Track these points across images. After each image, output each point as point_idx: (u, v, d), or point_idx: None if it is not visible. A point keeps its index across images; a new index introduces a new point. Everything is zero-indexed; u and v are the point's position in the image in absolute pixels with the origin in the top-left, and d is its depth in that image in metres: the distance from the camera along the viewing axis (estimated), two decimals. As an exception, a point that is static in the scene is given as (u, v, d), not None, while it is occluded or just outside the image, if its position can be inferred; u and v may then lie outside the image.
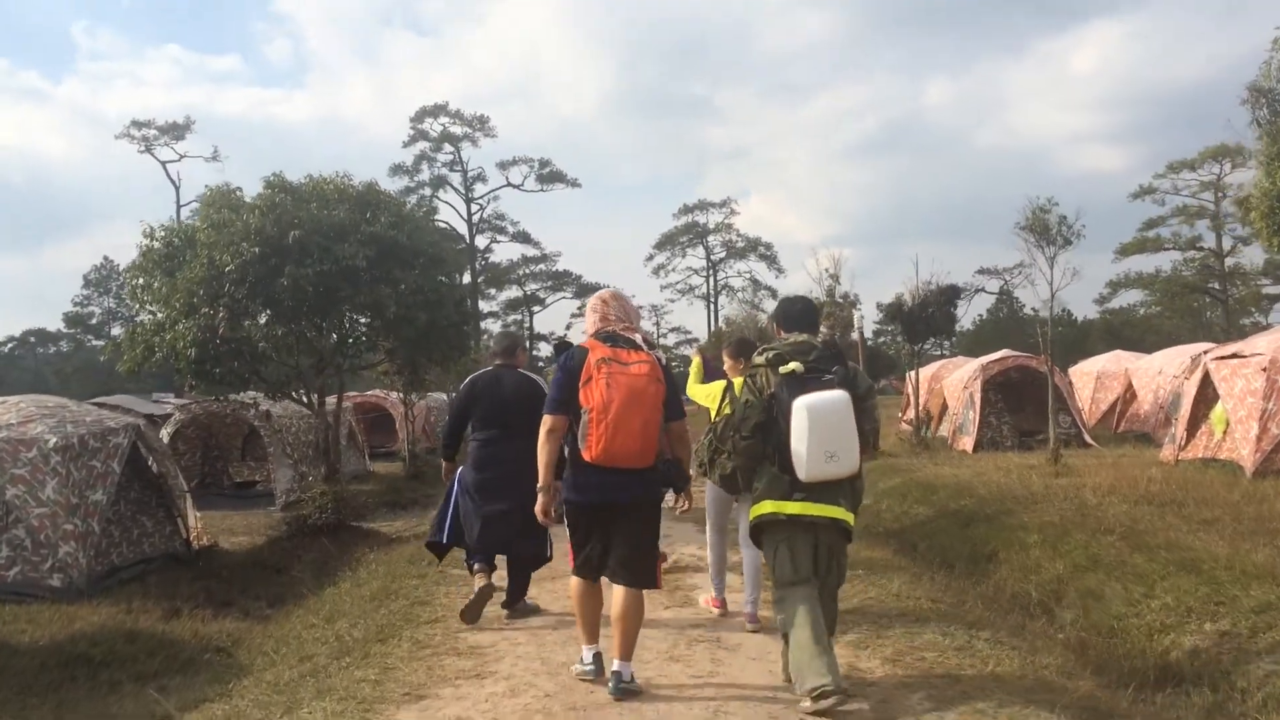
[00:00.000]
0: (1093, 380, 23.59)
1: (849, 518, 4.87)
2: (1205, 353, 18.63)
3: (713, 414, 6.40)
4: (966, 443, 19.31)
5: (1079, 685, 5.26)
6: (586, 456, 4.74)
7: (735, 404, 4.98)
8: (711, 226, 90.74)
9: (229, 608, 9.77)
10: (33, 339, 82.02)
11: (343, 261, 11.13)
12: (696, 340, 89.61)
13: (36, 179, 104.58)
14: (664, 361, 5.00)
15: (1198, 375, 14.27)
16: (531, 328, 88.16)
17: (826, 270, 26.80)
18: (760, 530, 4.99)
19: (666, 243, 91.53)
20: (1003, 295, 75.33)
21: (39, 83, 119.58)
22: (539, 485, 4.90)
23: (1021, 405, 20.57)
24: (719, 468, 6.10)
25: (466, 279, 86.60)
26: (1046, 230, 13.77)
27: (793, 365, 4.78)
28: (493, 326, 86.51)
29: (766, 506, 4.86)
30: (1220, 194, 68.14)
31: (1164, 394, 19.61)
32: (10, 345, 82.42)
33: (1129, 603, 7.80)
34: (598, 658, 5.09)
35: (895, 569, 9.02)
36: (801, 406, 4.65)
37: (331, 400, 13.93)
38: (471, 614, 6.52)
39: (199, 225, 11.97)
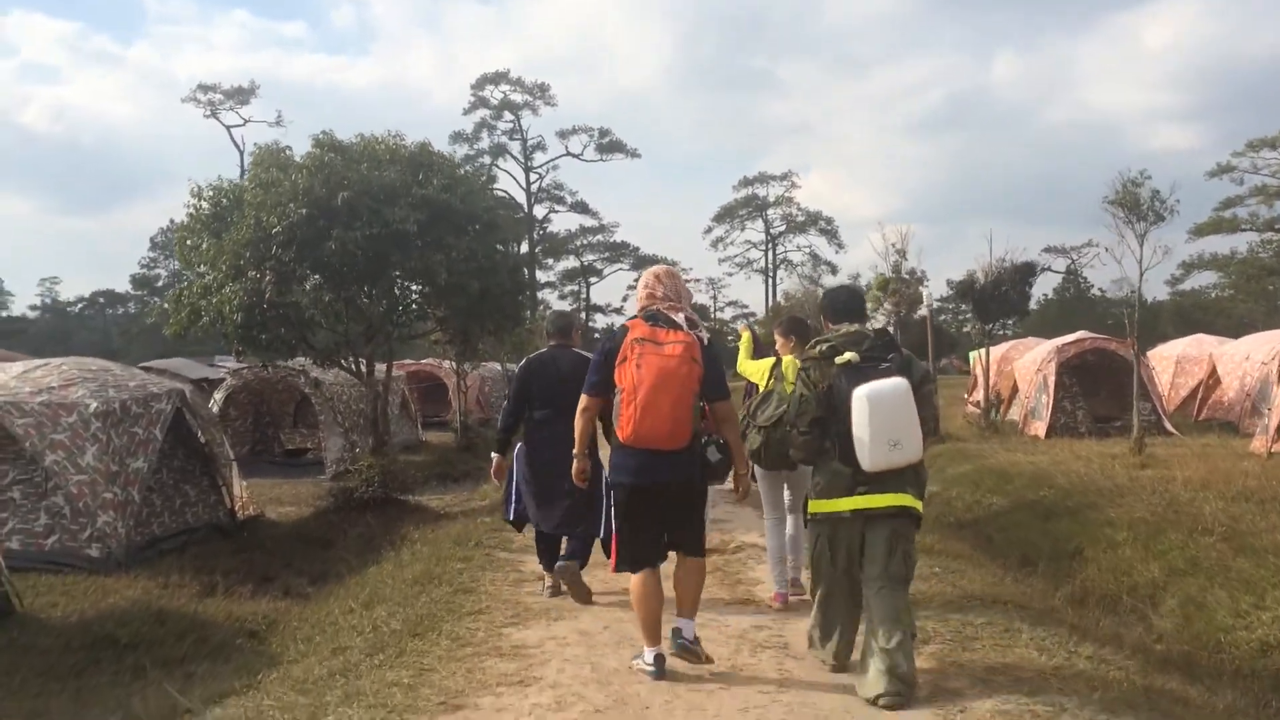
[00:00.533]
0: (1172, 365, 22.53)
1: (918, 504, 4.79)
2: (1301, 339, 17.70)
3: (761, 389, 6.51)
4: (1039, 427, 18.48)
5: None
6: (620, 438, 4.79)
7: (789, 398, 5.09)
8: (771, 200, 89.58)
9: (270, 583, 9.40)
10: (101, 300, 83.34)
11: (393, 225, 10.60)
12: (752, 314, 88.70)
13: (106, 142, 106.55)
14: (706, 341, 4.94)
15: (1297, 363, 13.35)
16: (588, 299, 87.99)
17: (893, 245, 25.85)
18: (815, 521, 4.99)
19: (725, 215, 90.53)
20: (1069, 275, 73.46)
21: (110, 46, 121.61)
22: (574, 451, 5.09)
23: (1097, 390, 19.68)
24: (747, 442, 6.15)
25: (524, 249, 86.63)
26: (1137, 205, 12.90)
27: (848, 355, 4.77)
28: (550, 296, 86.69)
29: (827, 506, 4.83)
30: None
31: (1251, 381, 18.57)
32: (80, 305, 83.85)
33: (1236, 614, 7.09)
34: (660, 660, 4.91)
35: (974, 565, 8.39)
36: (862, 395, 4.61)
37: (381, 369, 13.43)
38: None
39: (246, 185, 11.55)
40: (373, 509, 11.56)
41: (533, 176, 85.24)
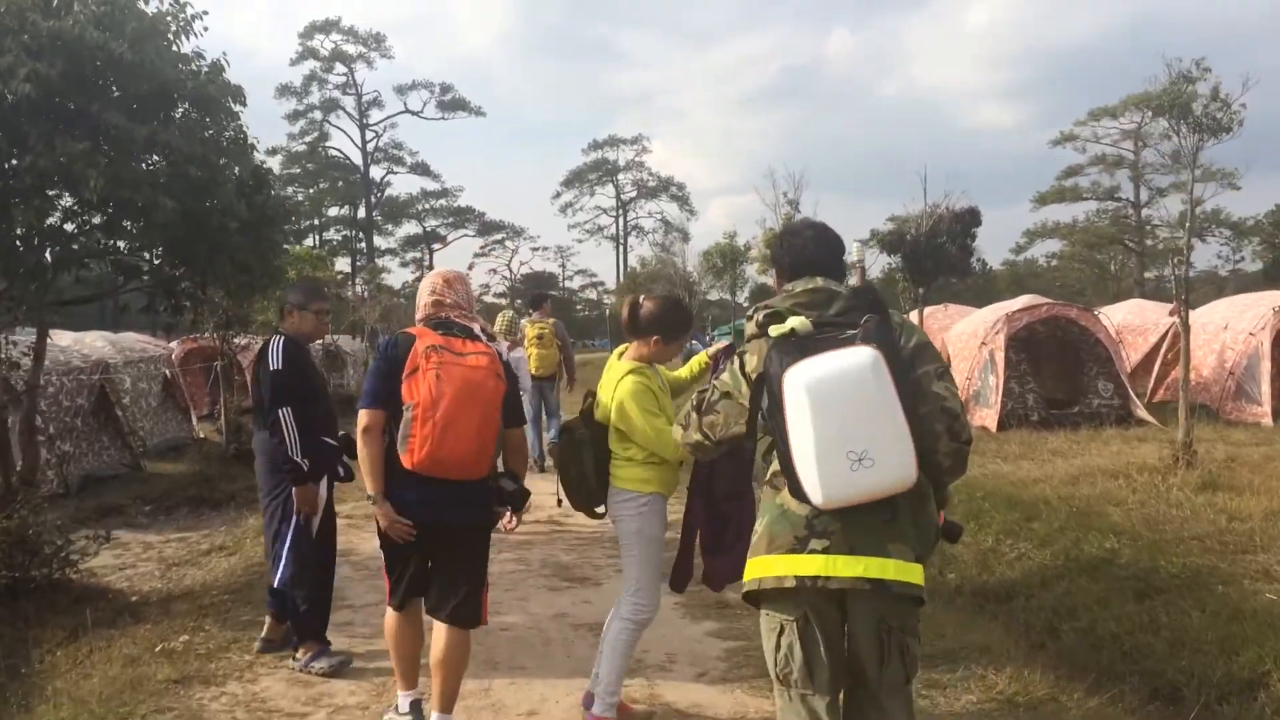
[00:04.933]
0: (1110, 335, 19.16)
1: (912, 573, 2.91)
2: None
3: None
4: (987, 417, 14.61)
5: None
6: (407, 463, 3.98)
7: (703, 396, 3.31)
8: (622, 164, 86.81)
9: None
10: None
11: (-16, 84, 5.47)
12: (602, 283, 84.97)
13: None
14: (505, 357, 4.47)
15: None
16: (431, 266, 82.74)
17: (784, 194, 21.77)
18: (757, 599, 3.09)
19: (575, 180, 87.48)
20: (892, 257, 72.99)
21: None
22: (369, 495, 4.17)
23: (1038, 368, 16.00)
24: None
25: (361, 213, 79.86)
26: (1188, 112, 8.91)
27: (792, 323, 2.99)
28: (391, 264, 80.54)
29: (767, 565, 2.98)
30: (1140, 143, 66.87)
31: (1235, 356, 15.14)
32: None
33: None
34: (416, 706, 4.35)
35: None
36: (798, 383, 2.87)
37: (22, 349, 7.66)
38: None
39: None
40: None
41: (369, 135, 79.50)
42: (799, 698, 3.02)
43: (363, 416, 4.14)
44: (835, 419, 2.83)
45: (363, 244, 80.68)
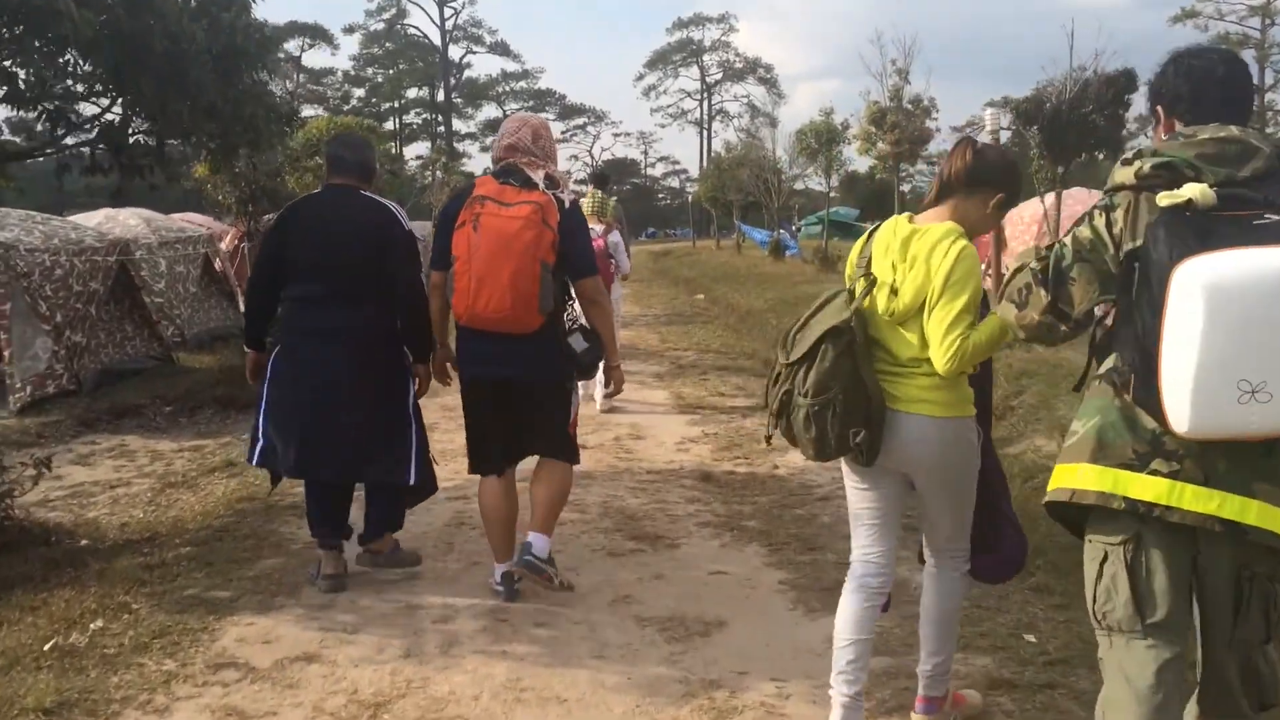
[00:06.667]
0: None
1: None
2: None
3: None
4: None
5: None
6: (454, 316, 4.04)
7: (1046, 261, 2.40)
8: (708, 45, 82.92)
9: None
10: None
11: None
12: (685, 171, 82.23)
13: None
14: (568, 204, 4.02)
15: None
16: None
17: (892, 63, 19.29)
18: (1068, 516, 2.43)
19: (659, 61, 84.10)
20: (1017, 133, 68.63)
21: None
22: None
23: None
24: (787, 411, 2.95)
25: (440, 96, 77.77)
26: None
27: (1192, 190, 2.12)
28: (471, 149, 78.57)
29: (1089, 477, 2.29)
30: (1268, 20, 61.72)
31: None
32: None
33: None
34: (508, 578, 4.26)
35: None
36: (1193, 283, 2.05)
37: None
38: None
39: None
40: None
41: (447, 12, 76.91)
42: (1123, 643, 2.33)
43: (431, 277, 4.18)
44: (1233, 338, 2.08)
45: (442, 128, 78.92)
